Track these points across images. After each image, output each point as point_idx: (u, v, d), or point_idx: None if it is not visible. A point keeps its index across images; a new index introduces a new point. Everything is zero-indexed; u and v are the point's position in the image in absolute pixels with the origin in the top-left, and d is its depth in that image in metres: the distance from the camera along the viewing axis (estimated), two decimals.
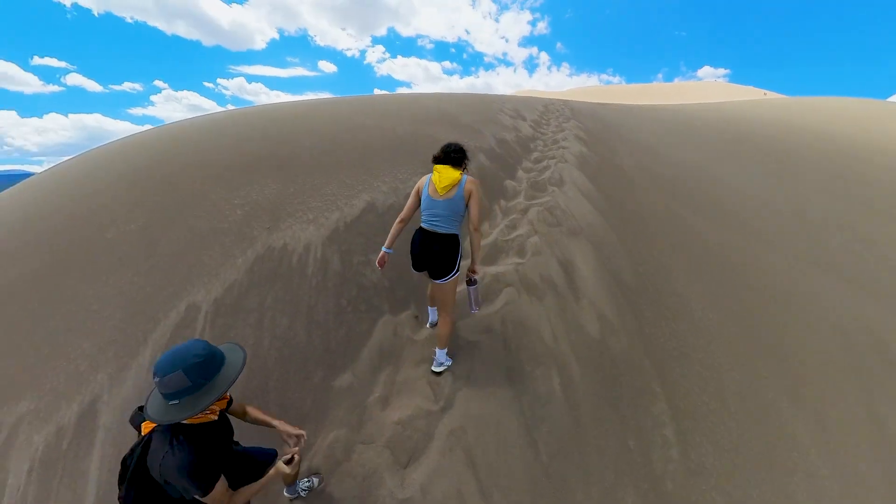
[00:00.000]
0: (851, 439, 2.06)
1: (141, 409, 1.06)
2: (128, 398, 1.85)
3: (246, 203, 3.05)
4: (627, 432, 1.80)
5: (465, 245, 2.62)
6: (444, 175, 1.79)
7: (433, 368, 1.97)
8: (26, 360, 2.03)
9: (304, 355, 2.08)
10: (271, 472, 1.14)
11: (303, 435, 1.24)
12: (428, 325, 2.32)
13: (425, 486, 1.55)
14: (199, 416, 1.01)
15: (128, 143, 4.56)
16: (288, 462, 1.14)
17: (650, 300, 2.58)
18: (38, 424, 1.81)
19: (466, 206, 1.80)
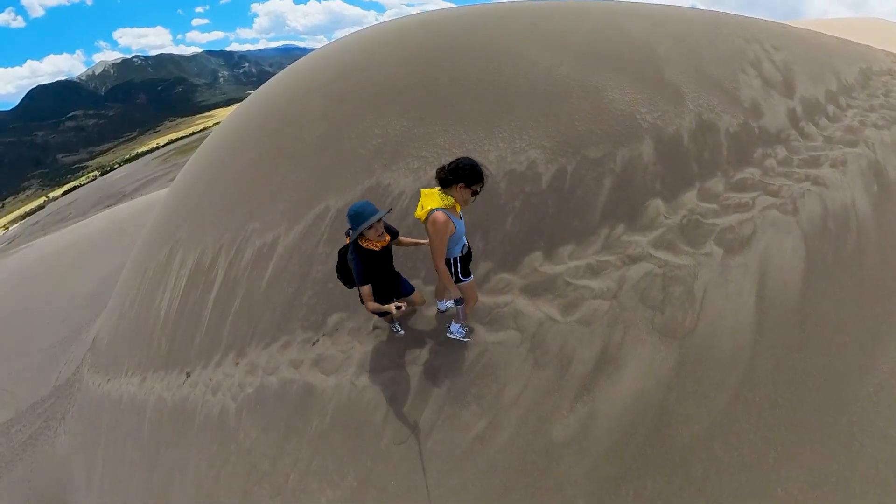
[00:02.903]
0: None
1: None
2: (290, 243, 3.50)
3: (380, 135, 3.79)
4: None
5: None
6: (422, 202, 1.86)
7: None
8: (256, 203, 4.04)
9: None
10: (387, 306, 1.92)
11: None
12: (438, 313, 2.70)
13: (366, 388, 2.46)
14: (366, 244, 1.96)
15: (338, 47, 5.87)
16: (398, 307, 1.89)
17: (670, 484, 1.81)
18: (258, 237, 3.77)
19: None
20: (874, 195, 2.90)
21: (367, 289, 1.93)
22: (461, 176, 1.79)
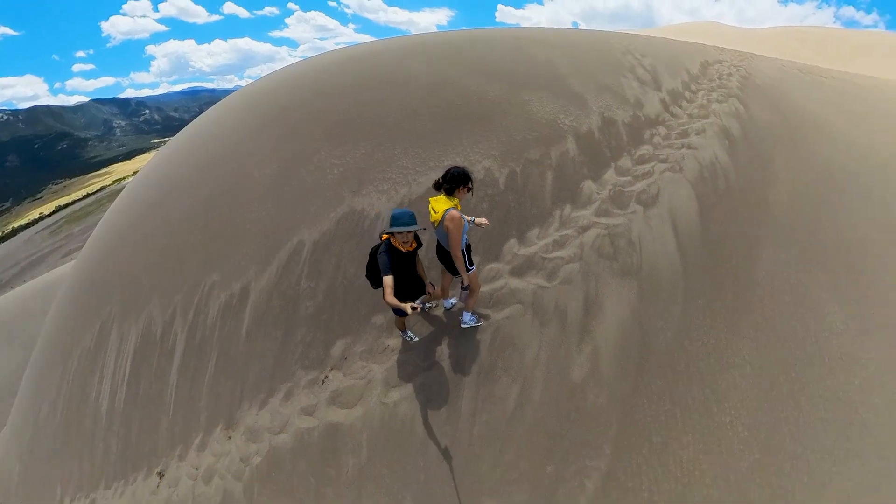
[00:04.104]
0: None
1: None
2: (264, 286, 3.40)
3: (340, 164, 3.99)
4: (550, 460, 2.23)
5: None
6: (435, 208, 2.30)
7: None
8: (211, 251, 3.78)
9: (358, 295, 3.18)
10: (404, 304, 2.04)
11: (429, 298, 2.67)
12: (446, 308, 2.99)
13: (398, 403, 2.56)
14: (396, 243, 2.28)
15: (270, 85, 5.90)
16: (414, 308, 2.02)
17: (670, 379, 2.48)
18: (220, 290, 3.54)
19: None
20: (727, 148, 4.16)
21: (389, 280, 2.13)
22: (461, 180, 2.29)
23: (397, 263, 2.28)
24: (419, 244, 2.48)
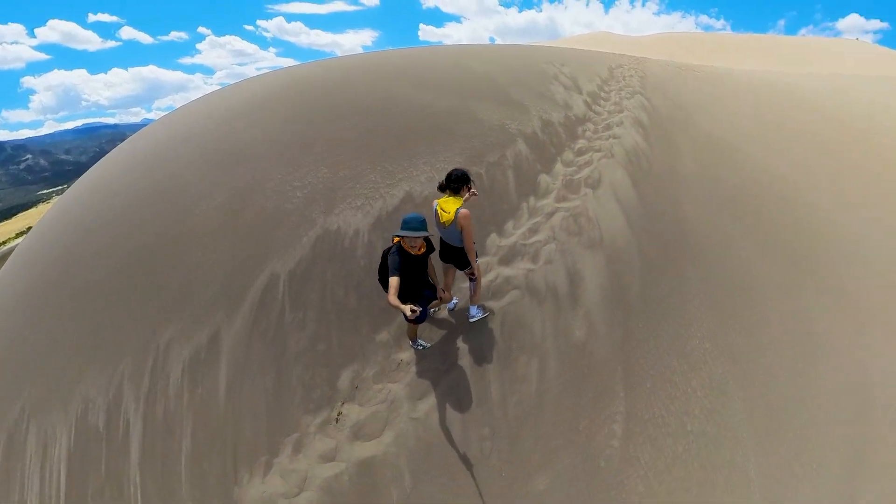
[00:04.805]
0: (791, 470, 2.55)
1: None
2: (239, 330, 3.01)
3: (302, 186, 3.88)
4: (581, 417, 2.51)
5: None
6: (445, 208, 2.49)
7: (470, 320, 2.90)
8: (161, 302, 3.23)
9: (354, 316, 3.09)
10: (403, 306, 2.03)
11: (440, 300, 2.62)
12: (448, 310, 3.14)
13: (429, 414, 2.54)
14: (406, 247, 2.34)
15: (198, 111, 5.49)
16: (413, 310, 2.03)
17: (649, 321, 3.03)
18: (182, 344, 3.02)
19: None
20: (642, 134, 5.16)
21: (395, 281, 2.17)
22: (465, 179, 2.51)
23: (407, 266, 2.34)
24: (430, 248, 2.54)
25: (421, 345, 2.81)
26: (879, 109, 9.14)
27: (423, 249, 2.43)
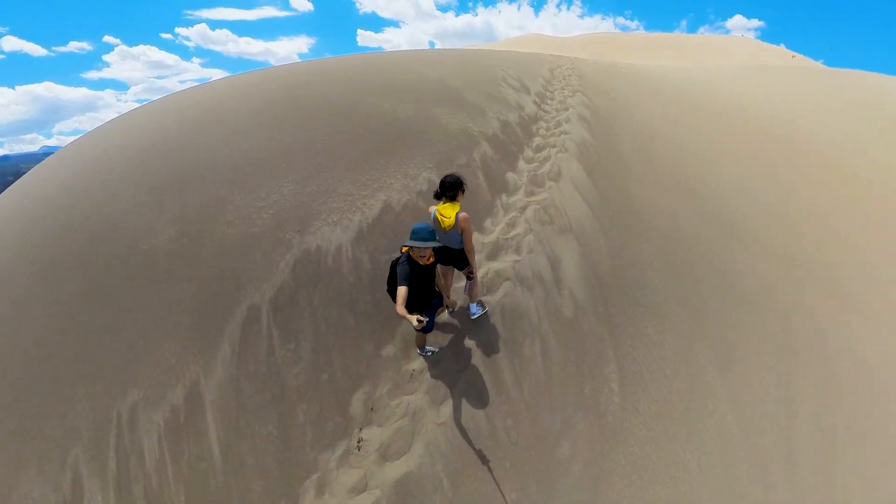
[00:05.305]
0: (762, 408, 3.18)
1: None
2: (222, 377, 2.67)
3: (268, 206, 3.55)
4: (584, 383, 2.86)
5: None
6: (444, 215, 2.64)
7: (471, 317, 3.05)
8: (116, 363, 2.74)
9: (355, 335, 2.98)
10: (410, 316, 2.14)
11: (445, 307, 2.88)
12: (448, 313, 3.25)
13: (453, 414, 2.63)
14: (415, 256, 2.40)
15: (122, 131, 4.74)
16: (419, 320, 2.12)
17: (620, 289, 3.52)
18: (152, 408, 2.56)
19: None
20: (587, 128, 5.83)
21: (403, 291, 2.25)
22: (459, 185, 2.65)
23: (416, 276, 2.41)
24: (437, 258, 2.64)
25: (430, 350, 2.85)
26: (763, 95, 11.19)
27: (431, 259, 2.51)
